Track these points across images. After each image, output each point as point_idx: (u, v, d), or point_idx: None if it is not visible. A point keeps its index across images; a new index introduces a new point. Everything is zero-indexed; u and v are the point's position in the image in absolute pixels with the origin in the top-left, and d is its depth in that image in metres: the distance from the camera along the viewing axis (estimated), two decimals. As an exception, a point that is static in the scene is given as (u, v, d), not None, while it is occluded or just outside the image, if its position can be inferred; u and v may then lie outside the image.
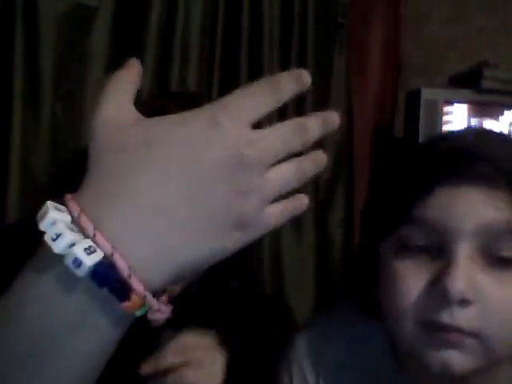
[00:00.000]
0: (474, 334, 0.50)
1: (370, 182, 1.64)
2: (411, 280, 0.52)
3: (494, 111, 1.54)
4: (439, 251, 0.52)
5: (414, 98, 1.53)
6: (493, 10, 1.75)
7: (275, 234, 1.44)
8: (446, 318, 0.50)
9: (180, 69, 1.36)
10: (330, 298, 1.50)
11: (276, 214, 0.35)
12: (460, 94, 1.55)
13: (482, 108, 1.53)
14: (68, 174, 0.70)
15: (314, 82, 0.36)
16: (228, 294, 0.80)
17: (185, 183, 0.32)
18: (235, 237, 0.34)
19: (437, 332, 0.51)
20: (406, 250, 0.53)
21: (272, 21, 1.44)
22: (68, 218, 0.32)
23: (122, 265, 0.31)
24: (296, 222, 1.47)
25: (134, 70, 0.36)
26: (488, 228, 0.50)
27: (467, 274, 0.50)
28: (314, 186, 1.49)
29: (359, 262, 0.63)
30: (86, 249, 0.31)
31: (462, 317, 0.50)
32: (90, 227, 0.32)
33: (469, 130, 0.60)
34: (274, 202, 0.35)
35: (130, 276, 0.32)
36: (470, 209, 0.50)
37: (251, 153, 0.33)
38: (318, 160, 0.37)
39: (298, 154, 0.36)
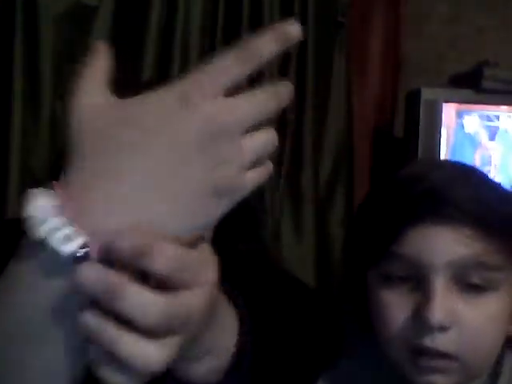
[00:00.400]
0: (453, 357, 0.57)
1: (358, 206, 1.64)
2: (395, 309, 0.59)
3: (495, 111, 1.54)
4: (418, 283, 0.58)
5: (414, 97, 1.53)
6: (493, 9, 1.75)
7: (275, 234, 1.45)
8: (428, 342, 0.57)
9: (180, 69, 1.36)
10: (330, 297, 1.50)
11: (253, 178, 0.35)
12: (460, 93, 1.54)
13: (482, 108, 1.53)
14: (57, 167, 0.69)
15: (314, 82, 0.35)
16: (235, 256, 0.75)
17: (165, 157, 0.33)
18: (217, 203, 0.34)
19: (422, 357, 0.58)
20: (390, 280, 0.60)
21: (272, 21, 1.44)
22: (52, 203, 0.33)
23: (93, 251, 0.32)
24: (296, 221, 1.48)
25: (103, 55, 0.37)
26: (459, 262, 0.57)
27: (444, 302, 0.56)
28: (314, 186, 1.49)
29: (348, 289, 0.70)
30: (66, 235, 0.32)
31: (441, 341, 0.57)
32: (71, 213, 0.32)
33: (440, 169, 0.66)
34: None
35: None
36: (441, 246, 0.57)
37: (224, 120, 0.33)
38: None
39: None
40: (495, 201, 0.60)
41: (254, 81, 0.36)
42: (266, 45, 0.37)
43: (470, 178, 0.62)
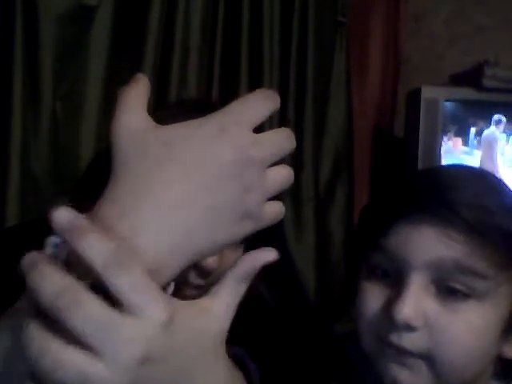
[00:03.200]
0: (420, 356, 0.56)
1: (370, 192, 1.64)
2: (370, 301, 0.59)
3: (495, 110, 1.54)
4: (398, 279, 0.58)
5: (414, 97, 1.53)
6: (493, 8, 1.75)
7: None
8: (394, 338, 0.56)
9: (180, 69, 1.36)
10: (330, 296, 1.50)
11: (272, 211, 0.40)
12: (460, 92, 1.54)
13: (482, 107, 1.53)
14: (91, 176, 0.71)
15: (314, 82, 0.36)
16: (256, 306, 0.71)
17: (201, 179, 0.37)
18: (240, 225, 0.38)
19: (390, 349, 0.57)
20: (373, 273, 0.60)
21: (272, 20, 1.44)
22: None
23: None
24: (296, 220, 1.48)
25: (143, 83, 0.40)
26: (436, 263, 0.56)
27: (416, 301, 0.55)
28: (314, 186, 1.49)
29: (347, 278, 0.69)
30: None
31: (408, 339, 0.56)
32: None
33: (440, 170, 0.67)
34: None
35: None
36: (421, 244, 0.56)
37: (255, 153, 0.38)
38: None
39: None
40: (497, 211, 0.57)
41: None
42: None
43: (477, 182, 0.60)
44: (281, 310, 0.72)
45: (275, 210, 0.40)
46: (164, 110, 0.73)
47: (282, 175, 0.40)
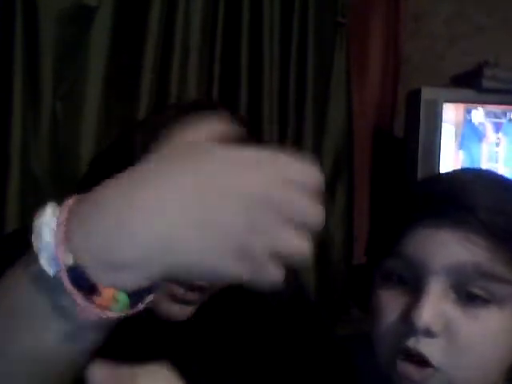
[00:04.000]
0: (433, 366, 0.54)
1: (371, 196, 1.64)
2: (388, 309, 0.58)
3: (495, 110, 1.54)
4: (416, 285, 0.57)
5: (414, 97, 1.53)
6: (493, 8, 1.75)
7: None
8: (411, 342, 0.55)
9: (180, 69, 1.36)
10: (330, 296, 1.50)
11: (273, 272, 0.36)
12: (460, 93, 1.55)
13: (482, 107, 1.53)
14: (92, 177, 0.70)
15: (314, 82, 0.36)
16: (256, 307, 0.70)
17: (204, 192, 0.35)
18: (236, 264, 0.35)
19: (402, 362, 0.55)
20: (390, 280, 0.59)
21: (272, 20, 1.44)
22: (57, 221, 0.35)
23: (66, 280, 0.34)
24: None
25: None
26: (457, 267, 0.55)
27: (436, 307, 0.54)
28: (314, 186, 1.49)
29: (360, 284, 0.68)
30: (52, 256, 0.34)
31: (426, 345, 0.54)
32: (60, 236, 0.34)
33: (458, 174, 0.66)
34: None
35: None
36: (440, 248, 0.55)
37: (279, 197, 0.35)
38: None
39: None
40: None
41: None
42: None
43: (495, 186, 0.59)
44: (282, 311, 0.71)
45: (274, 275, 0.36)
46: (163, 112, 0.73)
47: (300, 243, 0.37)
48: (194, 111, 0.62)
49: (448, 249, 0.55)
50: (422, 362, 0.55)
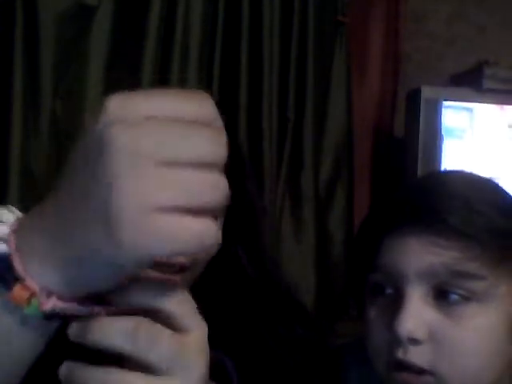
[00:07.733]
0: (429, 372, 0.54)
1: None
2: (377, 322, 0.58)
3: (495, 110, 1.54)
4: (397, 295, 0.57)
5: (414, 97, 1.53)
6: (493, 8, 1.75)
7: (275, 234, 1.44)
8: (400, 354, 0.55)
9: (180, 69, 1.36)
10: (330, 296, 1.50)
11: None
12: (461, 92, 1.54)
13: (482, 107, 1.53)
14: None
15: (314, 82, 0.35)
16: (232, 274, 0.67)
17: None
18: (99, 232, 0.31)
19: (398, 373, 0.55)
20: (377, 293, 0.59)
21: (272, 20, 1.44)
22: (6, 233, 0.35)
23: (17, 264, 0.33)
24: (296, 220, 1.47)
25: None
26: (429, 271, 0.55)
27: (417, 314, 0.54)
28: (314, 186, 1.49)
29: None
30: None
31: (414, 354, 0.55)
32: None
33: (430, 178, 0.66)
34: None
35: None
36: (412, 256, 0.56)
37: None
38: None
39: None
40: (486, 211, 0.56)
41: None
42: None
43: (466, 187, 0.59)
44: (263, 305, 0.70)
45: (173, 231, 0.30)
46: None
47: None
48: None
49: (418, 255, 0.55)
50: (417, 371, 0.55)
